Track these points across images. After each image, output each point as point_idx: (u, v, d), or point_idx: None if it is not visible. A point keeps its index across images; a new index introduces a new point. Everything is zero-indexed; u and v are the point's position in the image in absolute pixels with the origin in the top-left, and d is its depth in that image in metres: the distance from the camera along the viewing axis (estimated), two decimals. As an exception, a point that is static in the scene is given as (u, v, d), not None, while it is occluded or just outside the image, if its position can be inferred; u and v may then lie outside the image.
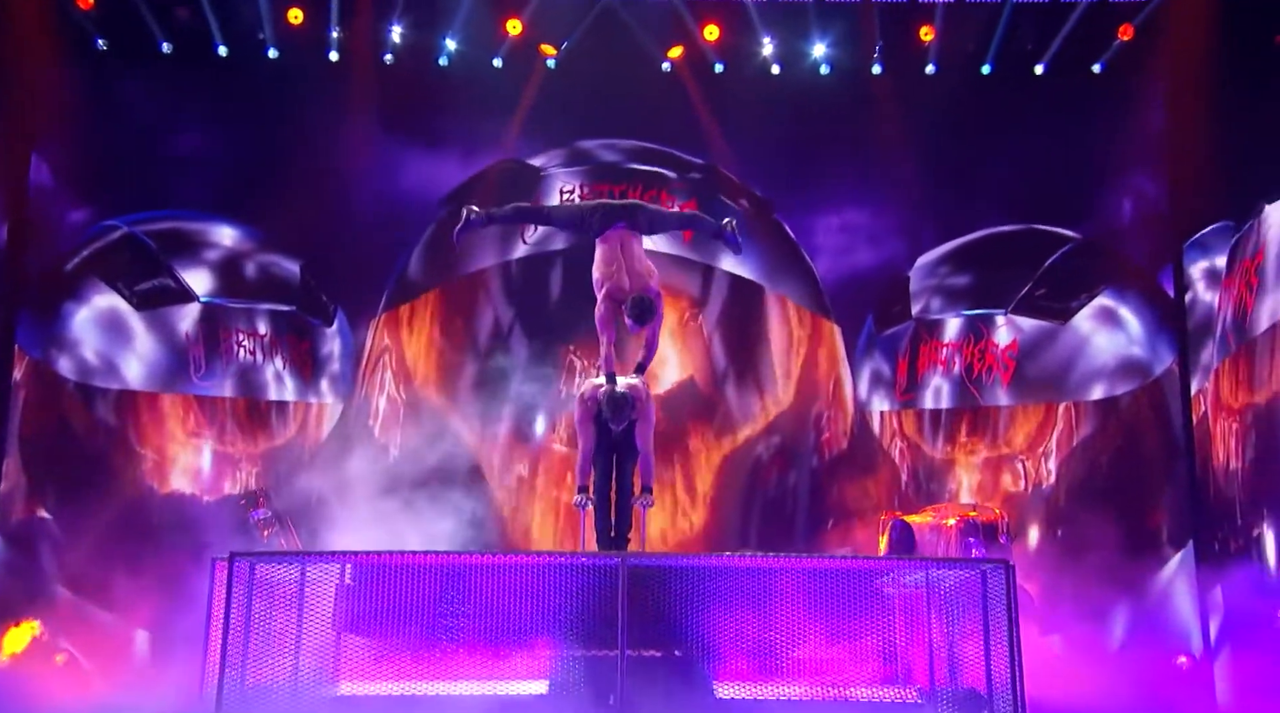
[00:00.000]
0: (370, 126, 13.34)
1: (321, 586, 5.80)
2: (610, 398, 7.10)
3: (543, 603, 5.58)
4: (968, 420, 13.04)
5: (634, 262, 7.36)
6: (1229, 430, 12.20)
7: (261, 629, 5.56)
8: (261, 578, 5.65)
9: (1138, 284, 13.15)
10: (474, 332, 13.33)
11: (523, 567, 5.77)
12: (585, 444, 7.39)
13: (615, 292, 7.27)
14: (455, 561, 5.99)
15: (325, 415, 13.34)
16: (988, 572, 5.54)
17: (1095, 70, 13.20)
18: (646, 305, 7.16)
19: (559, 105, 13.38)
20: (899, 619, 5.73)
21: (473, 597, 5.68)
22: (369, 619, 5.73)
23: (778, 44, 13.05)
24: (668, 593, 5.64)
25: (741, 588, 5.62)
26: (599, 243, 7.50)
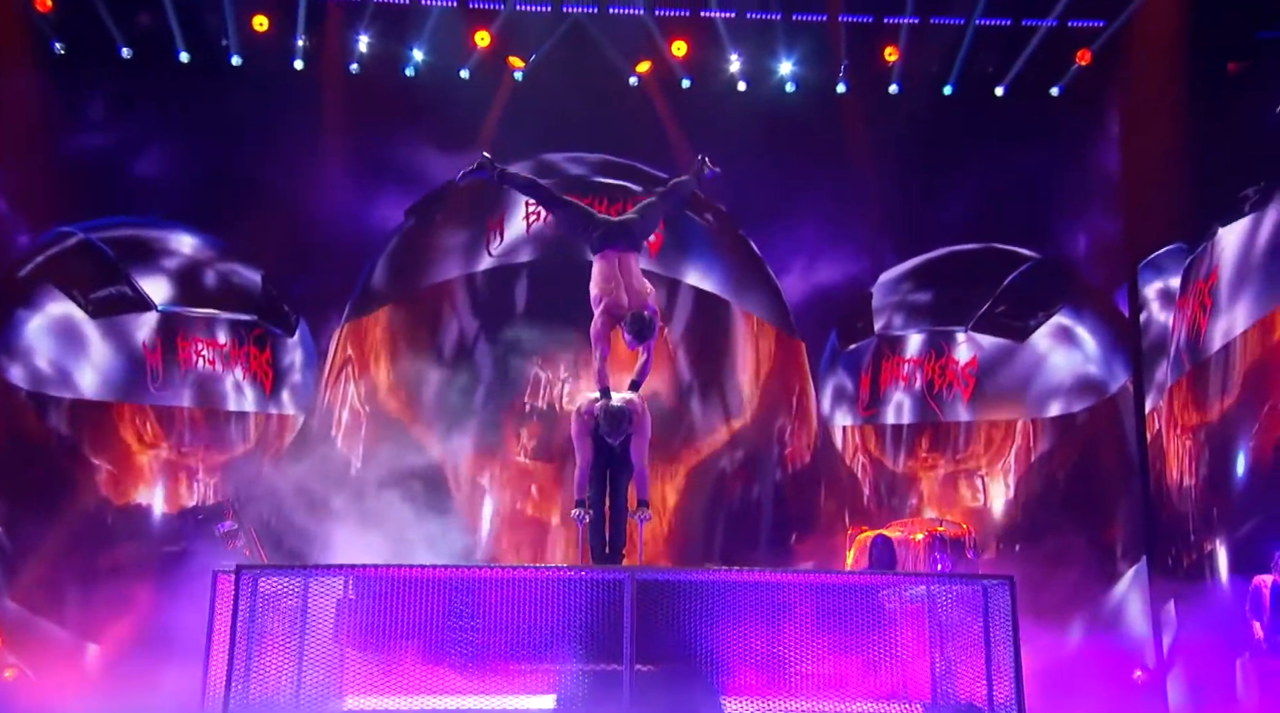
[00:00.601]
0: (335, 136, 13.29)
1: (324, 599, 5.77)
2: (608, 412, 7.14)
3: (549, 617, 5.59)
4: (929, 436, 13.23)
5: (632, 279, 7.42)
6: (1183, 448, 12.50)
7: (265, 643, 5.52)
8: (264, 591, 5.61)
9: (1094, 303, 13.45)
10: (438, 343, 13.28)
11: (529, 581, 5.76)
12: (582, 459, 7.41)
13: (613, 308, 7.31)
14: (461, 575, 6.00)
15: (286, 427, 13.22)
16: (989, 587, 5.64)
17: (1053, 93, 13.47)
18: (646, 323, 7.22)
19: (525, 118, 13.40)
20: (902, 634, 5.81)
21: (478, 611, 5.67)
22: (373, 633, 5.70)
23: (745, 61, 13.20)
24: (674, 607, 5.68)
25: (748, 602, 5.66)
26: (597, 258, 7.53)
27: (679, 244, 13.47)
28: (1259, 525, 11.37)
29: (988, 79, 13.36)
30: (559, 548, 12.73)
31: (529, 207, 13.53)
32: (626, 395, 7.27)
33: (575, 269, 13.34)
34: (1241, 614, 11.21)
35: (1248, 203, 11.78)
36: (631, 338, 7.15)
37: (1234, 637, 11.02)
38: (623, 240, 7.39)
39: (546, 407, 13.14)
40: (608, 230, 7.41)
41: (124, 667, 11.28)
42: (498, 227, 13.51)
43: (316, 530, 12.63)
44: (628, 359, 7.70)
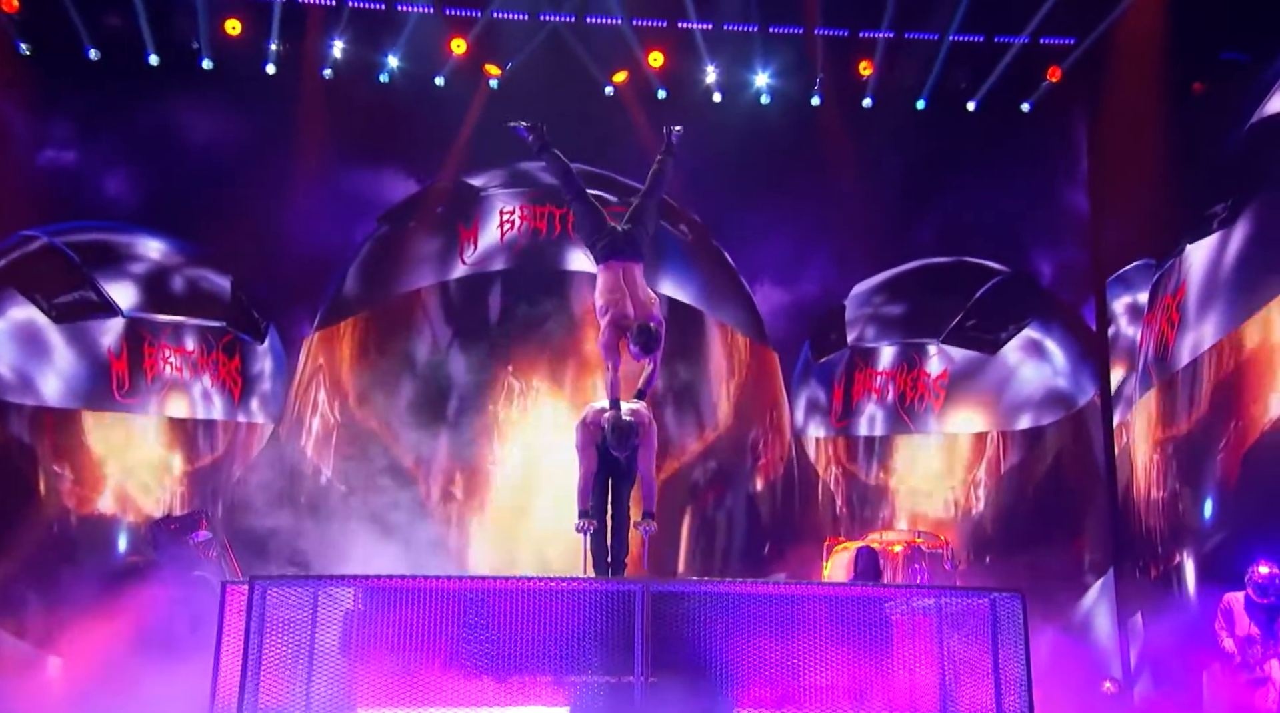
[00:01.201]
0: (307, 141, 13.24)
1: (334, 610, 5.76)
2: (615, 425, 7.15)
3: (561, 629, 5.60)
4: (901, 448, 13.38)
5: (637, 290, 7.45)
6: (1150, 461, 12.73)
7: (275, 654, 5.52)
8: (274, 602, 5.59)
9: (1062, 317, 13.68)
10: (411, 352, 13.26)
11: (541, 592, 5.77)
12: (585, 469, 7.42)
13: (619, 319, 7.32)
14: (472, 586, 5.99)
15: (255, 435, 13.13)
16: (998, 600, 5.73)
17: (1024, 109, 13.68)
18: (652, 335, 7.24)
19: (501, 126, 13.35)
20: (911, 646, 5.89)
21: (490, 622, 5.68)
22: (383, 644, 5.70)
23: (721, 73, 13.30)
24: (687, 619, 5.71)
25: (760, 615, 5.71)
26: (601, 268, 7.55)
27: (653, 254, 13.44)
28: (1226, 539, 11.61)
29: (960, 94, 13.56)
30: (530, 558, 12.73)
31: (504, 214, 13.56)
32: (632, 405, 7.29)
33: (549, 278, 13.55)
34: (1209, 626, 11.45)
35: (1216, 220, 12.03)
36: (638, 350, 7.17)
37: (1202, 649, 11.23)
38: (627, 251, 7.43)
39: (520, 416, 13.15)
40: (612, 241, 7.45)
41: (88, 680, 11.12)
42: (471, 235, 13.51)
43: (285, 540, 12.58)
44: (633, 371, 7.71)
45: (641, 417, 7.26)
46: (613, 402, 7.21)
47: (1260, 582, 9.06)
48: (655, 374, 7.48)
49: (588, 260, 13.39)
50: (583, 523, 7.27)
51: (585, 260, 13.36)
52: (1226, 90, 12.10)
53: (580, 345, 13.35)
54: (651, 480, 7.39)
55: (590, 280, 13.32)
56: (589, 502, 7.32)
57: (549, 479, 13.00)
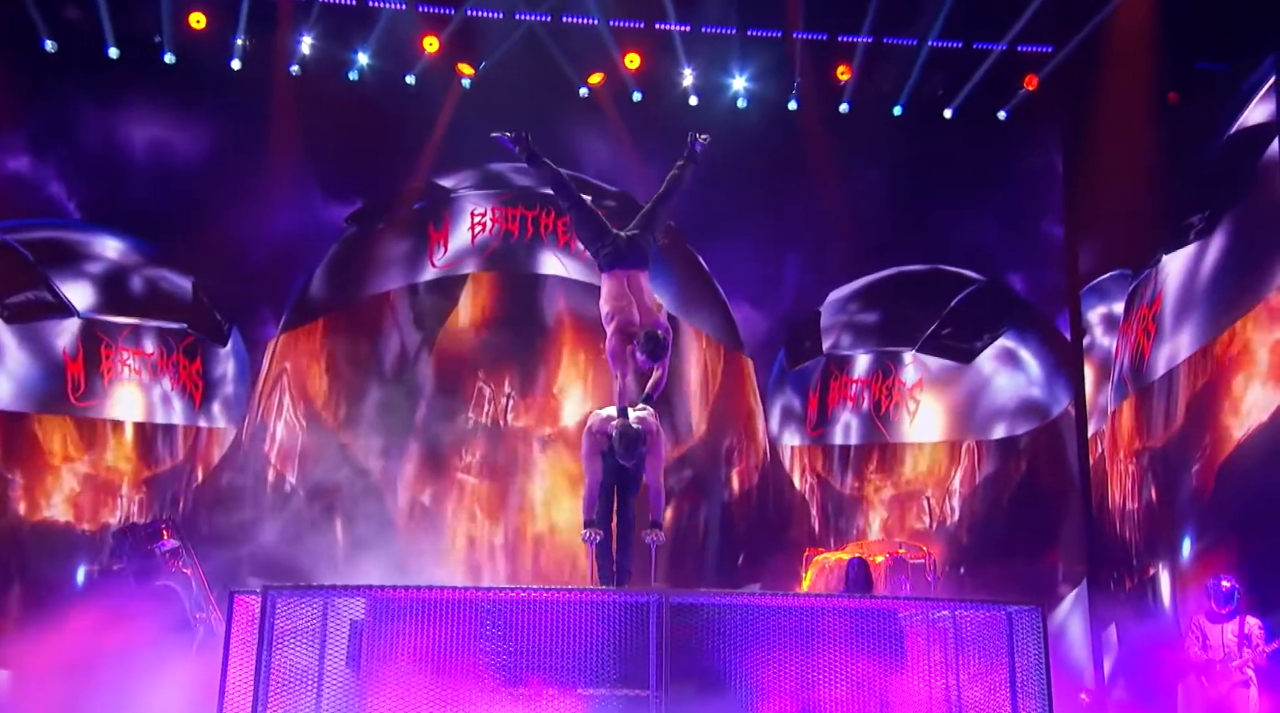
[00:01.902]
0: (273, 139, 13.04)
1: (343, 620, 5.70)
2: (624, 434, 7.11)
3: (577, 641, 5.55)
4: (876, 457, 13.42)
5: (643, 296, 7.43)
6: (1125, 473, 12.87)
7: (286, 665, 5.45)
8: (284, 612, 5.51)
9: (1037, 326, 13.80)
10: (378, 356, 13.12)
11: (556, 603, 5.72)
12: (591, 478, 7.39)
13: (626, 326, 7.29)
14: (484, 597, 5.93)
15: (217, 441, 12.91)
16: (1014, 613, 5.75)
17: (1001, 117, 13.79)
18: (660, 342, 7.23)
19: (473, 126, 13.25)
20: (927, 659, 5.90)
21: (502, 633, 5.62)
22: (394, 655, 5.65)
23: (698, 75, 13.28)
24: (703, 631, 5.69)
25: (778, 627, 5.69)
26: (605, 276, 7.53)
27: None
28: (1202, 551, 11.76)
29: (937, 101, 13.63)
30: (502, 569, 12.65)
31: (475, 216, 13.46)
32: (639, 413, 7.25)
33: (521, 281, 13.47)
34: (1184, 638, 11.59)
35: (1193, 231, 12.20)
36: (645, 358, 7.15)
37: (1176, 661, 11.36)
38: (631, 258, 7.41)
39: (491, 423, 13.06)
40: (616, 249, 7.40)
41: (40, 696, 10.88)
42: (442, 236, 13.40)
43: (248, 550, 12.41)
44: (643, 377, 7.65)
45: (649, 424, 7.23)
46: (620, 410, 7.16)
47: (1220, 597, 9.33)
48: (663, 380, 7.45)
49: (560, 264, 13.48)
50: (589, 533, 7.23)
51: (558, 264, 13.34)
52: (1204, 101, 12.27)
53: (553, 351, 13.29)
54: (659, 489, 7.37)
55: (563, 284, 13.50)
56: (595, 511, 7.26)
57: (521, 488, 12.93)
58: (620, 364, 7.19)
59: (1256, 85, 11.60)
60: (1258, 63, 11.54)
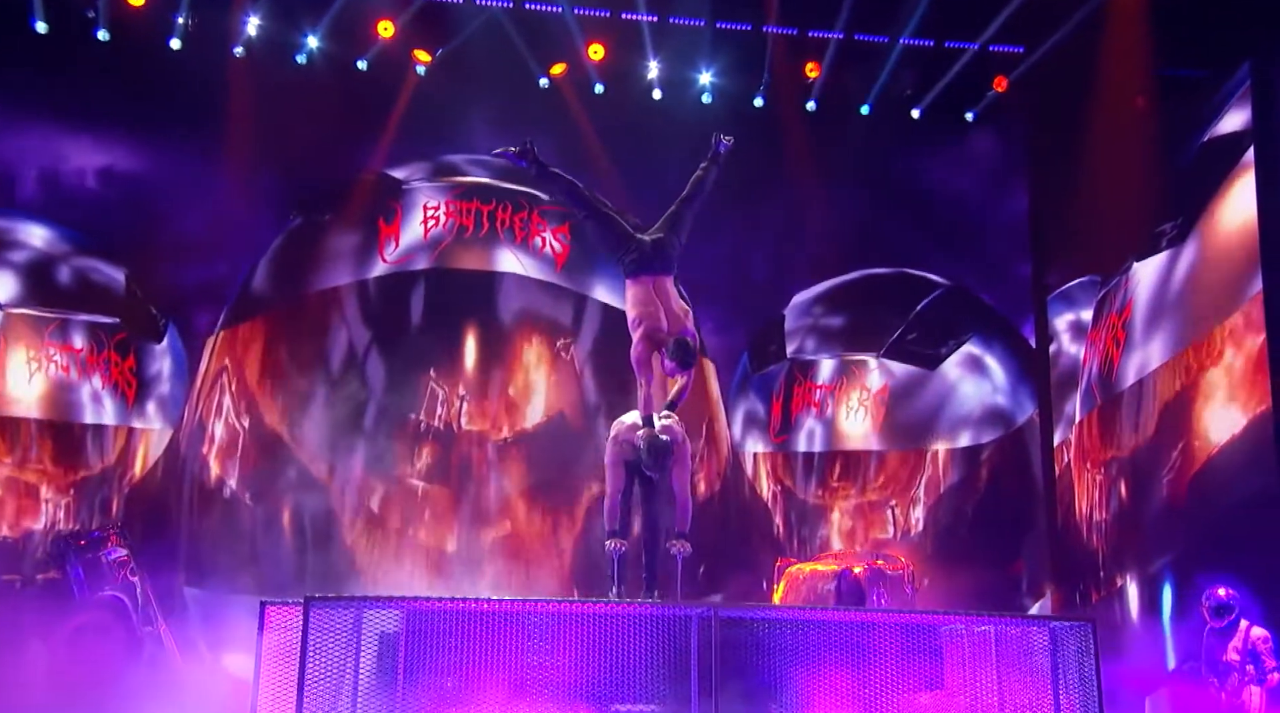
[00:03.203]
0: (214, 125, 12.62)
1: (377, 631, 5.66)
2: (651, 446, 7.00)
3: (616, 654, 5.49)
4: (840, 464, 13.39)
5: (670, 302, 7.36)
6: (1092, 482, 12.99)
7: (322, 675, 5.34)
8: (316, 623, 5.40)
9: (1002, 333, 13.87)
10: (325, 355, 12.79)
11: (595, 616, 5.65)
12: (614, 487, 7.28)
13: (653, 332, 7.21)
14: (520, 609, 5.84)
15: (151, 442, 12.48)
16: (1058, 629, 5.71)
17: (968, 118, 13.85)
18: (690, 350, 7.17)
19: (427, 115, 13.07)
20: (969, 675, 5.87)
21: (540, 647, 5.54)
22: (429, 667, 5.59)
23: (664, 69, 13.14)
24: (744, 645, 5.63)
25: (827, 642, 5.66)
26: (630, 282, 7.42)
27: (586, 257, 13.33)
28: (1171, 562, 11.90)
29: (905, 101, 13.65)
30: (453, 576, 12.41)
31: (428, 209, 13.18)
32: (664, 421, 7.13)
33: (475, 278, 13.22)
34: (1152, 650, 11.73)
35: (1164, 238, 12.34)
36: (675, 365, 7.06)
37: (1144, 673, 11.48)
38: (657, 265, 7.34)
39: (443, 426, 12.80)
40: (641, 255, 7.32)
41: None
42: (393, 231, 13.11)
43: (184, 558, 12.05)
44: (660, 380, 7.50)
45: (675, 434, 7.14)
46: (645, 419, 7.04)
47: (1215, 605, 9.31)
48: (688, 387, 7.34)
49: (517, 262, 13.26)
50: (613, 544, 7.16)
51: (515, 261, 13.13)
52: (1177, 107, 12.41)
53: (510, 352, 13.06)
54: (686, 500, 7.30)
55: (520, 283, 13.28)
56: (618, 521, 7.15)
57: (475, 494, 12.70)
58: (646, 371, 7.09)
59: (1230, 93, 11.75)
60: (1232, 70, 11.69)
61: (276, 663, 5.64)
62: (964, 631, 5.99)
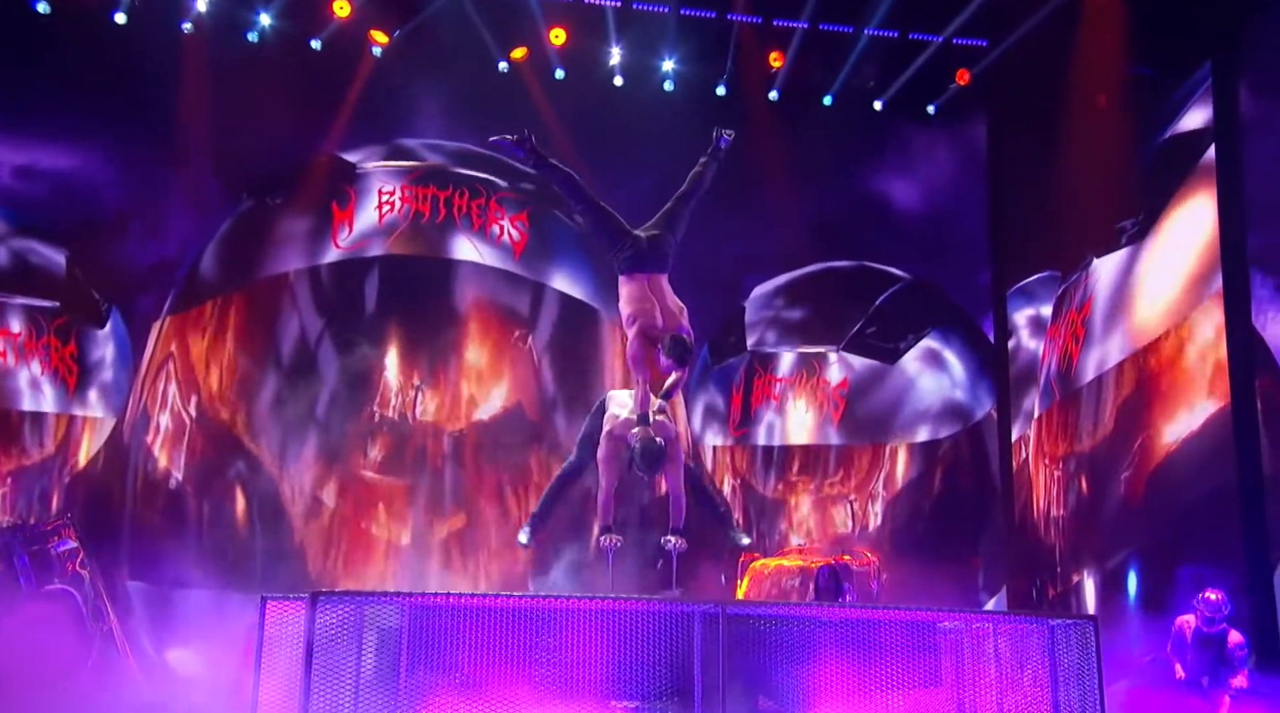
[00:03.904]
0: (160, 103, 12.38)
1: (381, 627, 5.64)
2: (646, 450, 6.99)
3: (624, 652, 5.50)
4: (799, 458, 13.47)
5: (665, 298, 7.35)
6: (1050, 478, 13.19)
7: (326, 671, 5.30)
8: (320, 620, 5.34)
9: (961, 327, 14.03)
10: (276, 342, 12.60)
11: (599, 612, 5.64)
12: (608, 482, 7.26)
13: (649, 329, 7.19)
14: (523, 605, 5.81)
15: (93, 431, 12.22)
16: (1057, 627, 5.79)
17: (930, 111, 13.98)
18: (688, 346, 7.17)
19: (382, 97, 12.93)
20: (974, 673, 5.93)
21: (546, 643, 5.53)
22: (433, 663, 5.58)
23: (626, 55, 13.12)
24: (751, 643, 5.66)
25: (835, 639, 5.70)
26: (624, 278, 7.39)
27: (545, 246, 13.28)
28: (1128, 558, 12.13)
29: (868, 92, 13.74)
30: (408, 569, 12.31)
31: (383, 194, 13.04)
32: (656, 414, 7.11)
33: (431, 266, 13.11)
34: (1111, 647, 11.93)
35: (1125, 235, 12.56)
36: (672, 362, 7.05)
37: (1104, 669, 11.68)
38: (652, 262, 7.33)
39: (398, 417, 12.69)
40: (636, 252, 7.30)
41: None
42: (346, 215, 12.96)
43: (127, 552, 11.83)
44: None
45: (668, 431, 7.13)
46: (641, 416, 7.03)
47: (1208, 611, 9.42)
48: (681, 381, 7.34)
49: (475, 249, 13.17)
50: (607, 539, 7.14)
51: (472, 249, 13.04)
52: (1138, 105, 12.61)
53: (466, 341, 12.97)
54: (680, 496, 7.29)
55: (477, 271, 13.20)
56: (611, 516, 7.14)
57: (430, 487, 12.61)
58: (641, 369, 7.08)
59: (1191, 91, 11.98)
60: (1193, 69, 11.91)
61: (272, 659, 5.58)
62: (963, 628, 6.06)
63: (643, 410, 7.11)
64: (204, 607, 11.75)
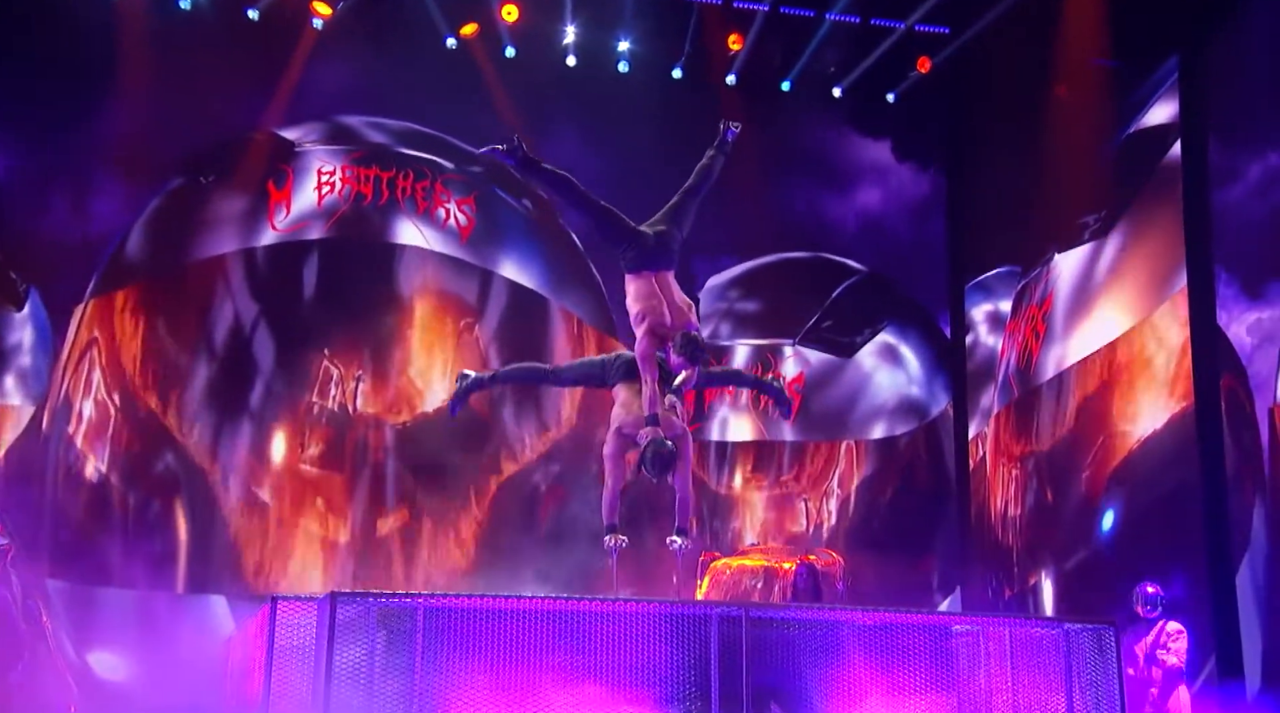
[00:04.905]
0: (86, 72, 11.96)
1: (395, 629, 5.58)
2: (657, 453, 6.84)
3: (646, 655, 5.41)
4: (754, 455, 13.38)
5: (673, 295, 7.23)
6: (1008, 477, 13.24)
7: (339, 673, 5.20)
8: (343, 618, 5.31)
9: (918, 322, 14.04)
10: (208, 329, 12.24)
11: (615, 615, 5.53)
12: (615, 479, 7.11)
13: (658, 327, 7.07)
14: (545, 607, 5.71)
15: (10, 420, 11.76)
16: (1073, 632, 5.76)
17: (889, 99, 13.95)
18: (699, 344, 7.07)
19: (324, 73, 12.62)
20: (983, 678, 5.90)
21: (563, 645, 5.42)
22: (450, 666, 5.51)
23: (581, 34, 12.92)
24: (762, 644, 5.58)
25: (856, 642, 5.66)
26: (632, 277, 7.25)
27: (493, 231, 13.05)
28: (1087, 558, 12.21)
29: (827, 79, 13.68)
30: (346, 569, 12.05)
31: (322, 174, 12.71)
32: (666, 411, 6.96)
33: (374, 250, 12.81)
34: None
35: (1088, 230, 12.62)
36: (683, 361, 6.93)
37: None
38: (660, 260, 7.25)
39: (338, 408, 12.39)
40: (642, 250, 7.21)
41: None
42: (284, 196, 12.61)
43: (45, 549, 11.43)
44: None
45: (676, 429, 6.99)
46: (650, 416, 6.88)
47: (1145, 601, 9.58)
48: (692, 378, 7.21)
49: (420, 234, 12.90)
50: (612, 539, 7.01)
51: (417, 233, 12.79)
52: (1103, 99, 12.67)
53: (410, 330, 12.70)
54: (688, 495, 7.19)
55: (422, 256, 12.93)
56: (617, 515, 7.01)
57: (371, 482, 12.34)
58: (651, 367, 6.95)
59: (1158, 85, 12.06)
60: (1159, 63, 12.00)
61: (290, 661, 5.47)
62: (978, 632, 6.04)
63: (652, 411, 6.98)
64: (129, 607, 11.40)
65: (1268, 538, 10.54)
